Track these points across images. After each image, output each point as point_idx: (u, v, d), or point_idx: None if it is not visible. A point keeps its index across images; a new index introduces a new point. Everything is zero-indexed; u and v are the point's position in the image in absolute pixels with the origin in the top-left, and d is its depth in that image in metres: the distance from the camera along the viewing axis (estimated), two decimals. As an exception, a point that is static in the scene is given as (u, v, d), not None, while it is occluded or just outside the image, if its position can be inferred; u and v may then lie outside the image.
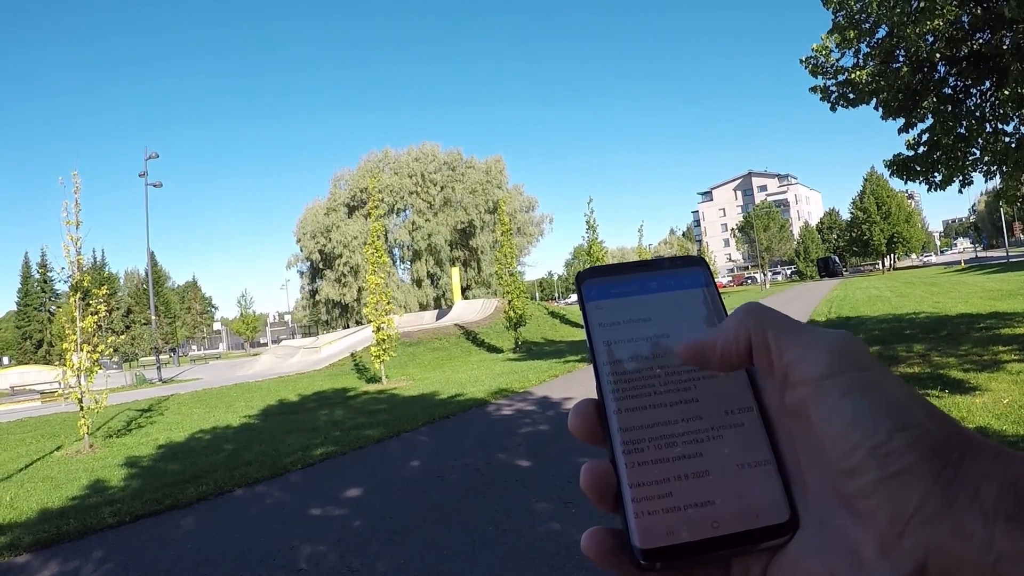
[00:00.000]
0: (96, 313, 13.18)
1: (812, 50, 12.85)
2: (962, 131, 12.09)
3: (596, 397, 0.46)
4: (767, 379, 0.44)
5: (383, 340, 19.24)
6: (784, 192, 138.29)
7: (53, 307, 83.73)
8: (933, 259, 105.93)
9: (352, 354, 28.81)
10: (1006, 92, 10.92)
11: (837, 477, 0.38)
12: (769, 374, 0.43)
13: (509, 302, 27.59)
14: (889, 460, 0.35)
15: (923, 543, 0.34)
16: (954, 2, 10.53)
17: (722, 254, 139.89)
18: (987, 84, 11.92)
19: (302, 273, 74.36)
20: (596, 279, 0.50)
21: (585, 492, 0.43)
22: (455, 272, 48.11)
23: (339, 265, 67.40)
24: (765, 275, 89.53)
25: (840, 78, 12.76)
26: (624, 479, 0.42)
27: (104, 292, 13.61)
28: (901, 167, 13.04)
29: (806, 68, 13.05)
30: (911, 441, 0.36)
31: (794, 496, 0.41)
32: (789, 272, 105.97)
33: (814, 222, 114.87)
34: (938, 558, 0.34)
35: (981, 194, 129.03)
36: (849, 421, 0.37)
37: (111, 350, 13.98)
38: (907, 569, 0.34)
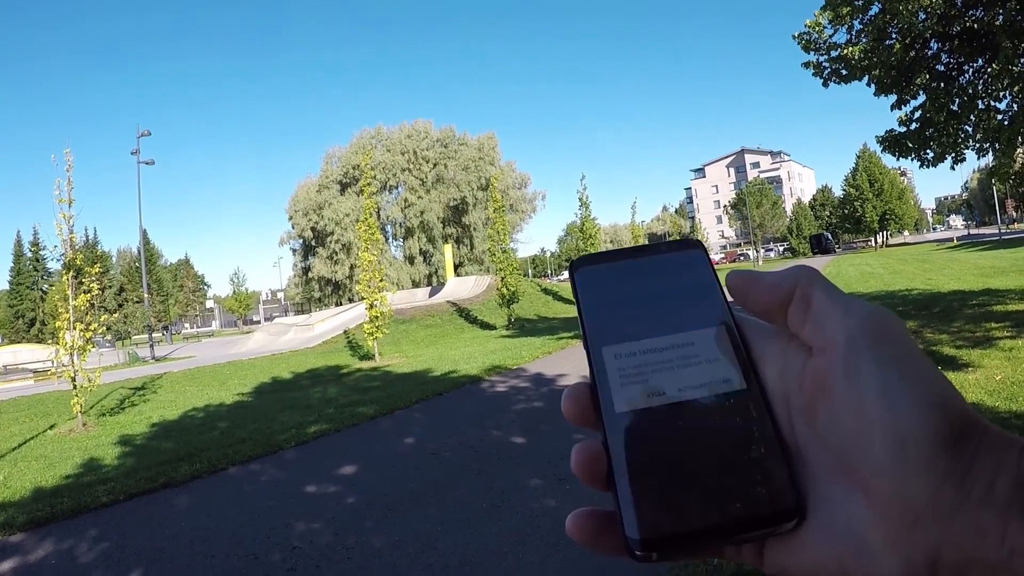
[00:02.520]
0: (89, 291, 13.12)
1: (805, 26, 12.81)
2: (954, 108, 12.10)
3: (589, 380, 0.45)
4: (784, 346, 0.43)
5: (376, 317, 19.24)
6: (777, 169, 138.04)
7: (46, 286, 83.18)
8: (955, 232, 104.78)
9: (345, 331, 28.84)
10: (998, 69, 10.91)
11: (853, 453, 0.37)
12: (798, 330, 0.42)
13: (502, 279, 27.58)
14: (907, 443, 0.35)
15: (936, 537, 0.34)
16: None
17: (715, 231, 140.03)
18: (980, 61, 11.91)
19: (294, 250, 74.27)
20: (590, 266, 0.49)
21: (576, 474, 0.42)
22: (448, 249, 47.94)
23: (331, 242, 67.28)
24: (758, 252, 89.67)
25: (833, 54, 12.74)
26: (619, 466, 0.41)
27: (97, 270, 13.56)
28: (893, 143, 13.05)
29: (799, 44, 13.02)
30: (932, 426, 0.35)
31: (801, 481, 0.40)
32: (782, 249, 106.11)
33: (807, 199, 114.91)
34: (951, 553, 0.33)
35: (974, 171, 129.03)
36: (874, 393, 0.36)
37: (104, 328, 13.94)
38: (919, 561, 0.34)
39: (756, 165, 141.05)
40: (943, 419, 0.35)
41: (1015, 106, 11.94)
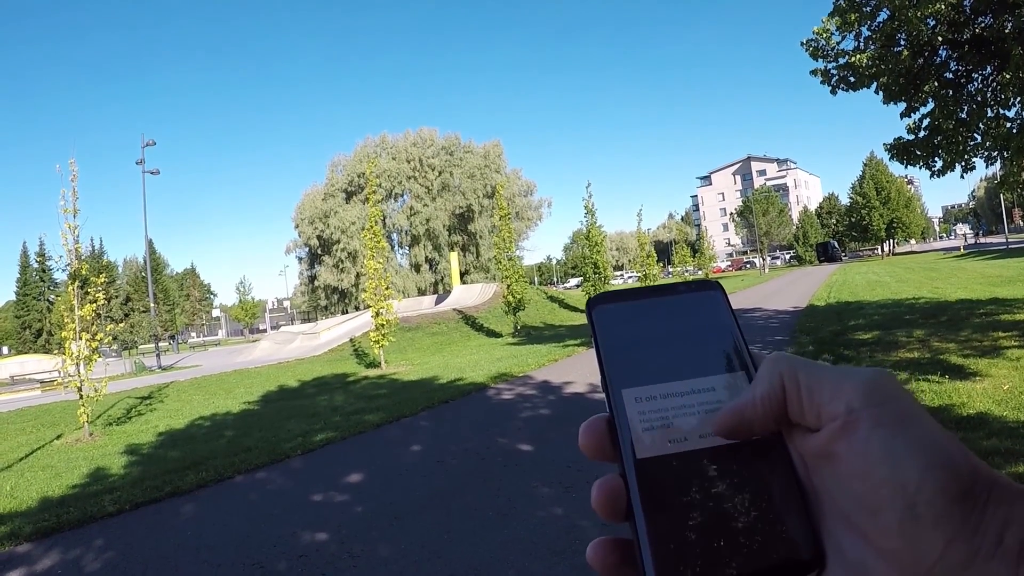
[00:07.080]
0: (95, 301, 13.17)
1: (813, 33, 12.79)
2: (963, 116, 12.06)
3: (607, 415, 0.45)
4: (793, 429, 0.42)
5: (382, 325, 19.23)
6: (783, 177, 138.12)
7: (52, 296, 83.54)
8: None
9: (351, 339, 28.86)
10: (1007, 76, 10.88)
11: (860, 514, 0.37)
12: (801, 419, 0.41)
13: (508, 287, 27.58)
14: (916, 504, 0.35)
15: None
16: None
17: (721, 239, 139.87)
18: (989, 69, 11.87)
19: (300, 259, 74.63)
20: (608, 304, 0.49)
21: (595, 510, 0.42)
22: (454, 257, 48.08)
23: (337, 251, 67.56)
24: (764, 260, 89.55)
25: (841, 61, 12.70)
26: (639, 512, 0.41)
27: (103, 280, 13.60)
28: (902, 151, 13.02)
29: (807, 51, 12.99)
30: (940, 485, 0.35)
31: (819, 529, 0.40)
32: (788, 257, 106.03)
33: (813, 207, 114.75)
34: None
35: (981, 180, 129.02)
36: (879, 456, 0.37)
37: (110, 338, 13.99)
38: None
39: (762, 173, 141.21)
40: (949, 477, 0.35)
41: (1024, 114, 11.91)
